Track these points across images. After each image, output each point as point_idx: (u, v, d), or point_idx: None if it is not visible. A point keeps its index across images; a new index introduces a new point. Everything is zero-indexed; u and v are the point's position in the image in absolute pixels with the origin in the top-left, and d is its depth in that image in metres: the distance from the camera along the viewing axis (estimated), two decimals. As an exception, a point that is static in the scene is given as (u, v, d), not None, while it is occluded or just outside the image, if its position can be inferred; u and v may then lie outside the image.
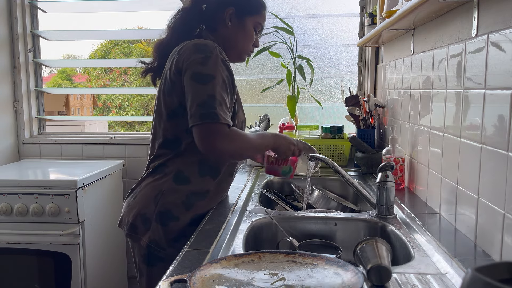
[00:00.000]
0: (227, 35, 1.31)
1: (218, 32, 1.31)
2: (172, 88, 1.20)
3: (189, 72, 1.15)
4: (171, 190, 1.22)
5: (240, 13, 1.30)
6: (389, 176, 1.18)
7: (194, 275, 0.76)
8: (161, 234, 1.20)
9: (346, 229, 1.21)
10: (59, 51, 18.63)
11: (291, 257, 0.86)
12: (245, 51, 1.35)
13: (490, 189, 0.91)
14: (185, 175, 1.23)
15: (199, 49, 1.17)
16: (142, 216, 1.22)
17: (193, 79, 1.14)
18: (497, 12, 0.90)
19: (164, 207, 1.21)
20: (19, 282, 2.00)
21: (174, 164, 1.24)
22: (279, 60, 2.23)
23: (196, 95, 1.13)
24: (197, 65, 1.15)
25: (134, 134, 2.61)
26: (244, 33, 1.32)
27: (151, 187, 1.24)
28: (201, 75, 1.15)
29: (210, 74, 1.14)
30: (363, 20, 2.09)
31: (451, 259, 0.89)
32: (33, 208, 1.92)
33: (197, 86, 1.14)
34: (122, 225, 1.28)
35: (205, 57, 1.16)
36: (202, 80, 1.14)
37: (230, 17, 1.29)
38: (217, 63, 1.16)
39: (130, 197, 1.29)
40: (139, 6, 2.53)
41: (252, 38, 1.34)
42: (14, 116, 2.51)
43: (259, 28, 1.35)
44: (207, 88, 1.13)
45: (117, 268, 2.37)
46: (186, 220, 1.22)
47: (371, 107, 1.94)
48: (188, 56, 1.17)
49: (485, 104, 0.94)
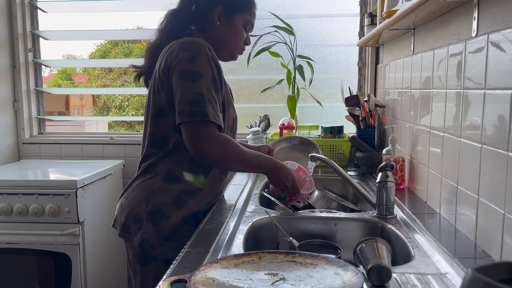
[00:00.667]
0: (217, 34, 1.31)
1: (208, 32, 1.31)
2: (160, 87, 1.21)
3: (178, 70, 1.15)
4: (162, 189, 1.22)
5: (229, 11, 1.29)
6: (389, 176, 1.18)
7: (194, 275, 0.76)
8: (153, 233, 1.20)
9: (346, 229, 1.21)
10: (59, 51, 18.63)
11: (291, 257, 0.86)
12: (236, 49, 1.35)
13: (490, 189, 0.91)
14: (175, 174, 1.23)
15: (187, 46, 1.17)
16: (134, 216, 1.22)
17: (181, 77, 1.14)
18: (497, 12, 0.90)
19: (155, 207, 1.21)
20: (19, 282, 2.00)
21: (164, 164, 1.24)
22: (279, 60, 2.23)
23: (185, 93, 1.13)
24: (185, 63, 1.15)
25: (134, 134, 2.61)
26: (234, 31, 1.31)
27: (142, 187, 1.24)
28: (190, 72, 1.14)
29: (198, 71, 1.14)
30: (363, 20, 2.09)
31: (451, 259, 0.89)
32: (33, 208, 1.92)
33: (185, 83, 1.14)
34: (116, 225, 1.29)
35: (193, 54, 1.15)
36: (190, 77, 1.14)
37: (219, 16, 1.29)
38: (205, 60, 1.16)
39: (122, 197, 1.29)
40: (139, 6, 2.52)
41: (243, 36, 1.34)
42: (14, 116, 2.51)
43: (249, 26, 1.35)
44: (196, 86, 1.13)
45: (117, 268, 2.37)
46: (177, 219, 1.22)
47: (371, 107, 1.94)
48: (176, 54, 1.17)
49: (485, 104, 0.94)
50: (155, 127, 1.24)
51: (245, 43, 1.37)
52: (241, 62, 2.44)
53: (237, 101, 2.43)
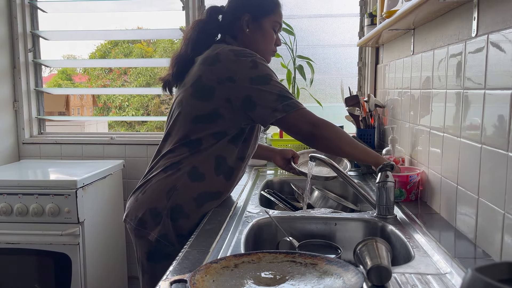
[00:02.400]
0: (248, 41, 1.34)
1: (239, 39, 1.35)
2: (209, 94, 1.23)
3: (246, 78, 1.20)
4: (185, 186, 1.22)
5: (256, 17, 1.33)
6: (389, 176, 1.18)
7: (194, 275, 0.76)
8: (171, 229, 1.21)
9: (346, 229, 1.21)
10: (59, 51, 18.62)
11: (291, 257, 0.85)
12: (268, 52, 1.38)
13: (490, 189, 0.91)
14: (200, 172, 1.24)
15: (241, 54, 1.23)
16: (153, 211, 1.22)
17: (255, 83, 1.19)
18: (497, 12, 0.90)
19: (176, 203, 1.21)
20: (19, 282, 2.00)
21: (189, 161, 1.25)
22: (279, 60, 2.23)
23: (267, 94, 1.19)
24: (250, 70, 1.21)
25: (134, 134, 2.61)
26: (263, 36, 1.35)
27: (164, 182, 1.24)
28: (260, 77, 1.20)
29: (267, 73, 1.22)
30: (363, 20, 2.09)
31: (451, 259, 0.89)
32: (33, 208, 1.92)
33: (263, 87, 1.19)
34: (128, 220, 1.27)
35: (252, 60, 1.22)
36: (263, 81, 1.20)
37: (247, 23, 1.33)
38: (263, 63, 1.24)
39: (138, 192, 1.29)
40: (139, 6, 2.53)
41: (273, 39, 1.38)
42: (14, 116, 2.51)
43: (277, 27, 1.38)
44: (272, 86, 1.20)
45: (117, 268, 2.37)
46: (195, 219, 1.23)
47: (371, 107, 1.94)
48: (234, 63, 1.21)
49: (485, 104, 0.94)
50: (192, 130, 1.25)
51: (276, 44, 1.40)
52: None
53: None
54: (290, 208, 1.47)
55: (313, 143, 1.24)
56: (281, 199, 1.52)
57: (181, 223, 1.22)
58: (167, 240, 1.21)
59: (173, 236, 1.21)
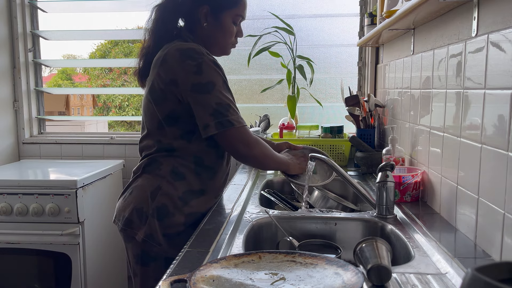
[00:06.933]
0: (205, 35, 1.28)
1: (196, 33, 1.28)
2: (162, 98, 1.20)
3: (188, 84, 1.15)
4: (169, 185, 1.22)
5: (216, 10, 1.24)
6: (389, 176, 1.18)
7: (194, 275, 0.76)
8: (157, 229, 1.20)
9: (346, 229, 1.21)
10: (59, 51, 18.59)
11: (291, 257, 0.86)
12: (227, 46, 1.32)
13: (490, 189, 0.91)
14: (181, 172, 1.24)
15: (187, 55, 1.16)
16: (139, 211, 1.22)
17: (194, 91, 1.15)
18: (497, 12, 0.90)
19: (161, 202, 1.21)
20: (19, 282, 2.00)
21: (169, 163, 1.24)
22: (279, 60, 2.23)
23: (204, 106, 1.15)
24: (193, 76, 1.15)
25: (134, 134, 2.61)
26: (222, 31, 1.27)
27: (148, 183, 1.24)
28: (201, 85, 1.15)
29: (210, 81, 1.15)
30: (363, 20, 2.09)
31: (451, 259, 0.89)
32: (33, 208, 1.92)
33: (201, 97, 1.15)
34: (117, 220, 1.28)
35: (197, 64, 1.15)
36: (204, 90, 1.15)
37: (205, 16, 1.25)
38: (210, 67, 1.17)
39: (126, 193, 1.29)
40: (139, 6, 2.52)
41: (233, 33, 1.29)
42: (14, 116, 2.51)
43: (239, 20, 1.30)
44: (212, 96, 1.15)
45: (117, 268, 2.37)
46: (181, 217, 1.22)
47: (371, 107, 1.94)
48: (178, 66, 1.16)
49: (485, 104, 0.94)
50: (160, 134, 1.25)
51: (237, 36, 1.32)
52: (241, 62, 2.44)
53: (237, 101, 2.41)
54: (290, 208, 1.47)
55: (244, 161, 1.29)
56: (281, 199, 1.52)
57: (167, 222, 1.21)
58: (153, 240, 1.20)
59: (159, 236, 1.21)
